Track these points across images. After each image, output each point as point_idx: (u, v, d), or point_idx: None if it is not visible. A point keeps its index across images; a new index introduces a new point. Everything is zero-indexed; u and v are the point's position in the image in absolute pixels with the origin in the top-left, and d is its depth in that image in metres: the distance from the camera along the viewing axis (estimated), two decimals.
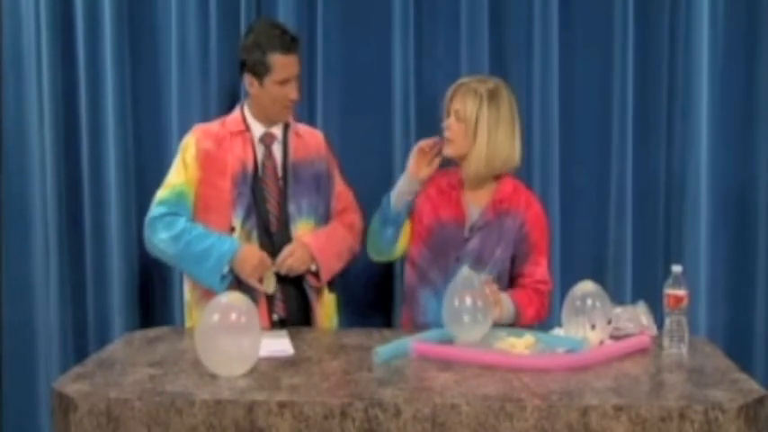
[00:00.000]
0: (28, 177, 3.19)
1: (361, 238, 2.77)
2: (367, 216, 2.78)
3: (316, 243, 2.64)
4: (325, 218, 2.74)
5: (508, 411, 1.84)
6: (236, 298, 2.10)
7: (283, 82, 2.59)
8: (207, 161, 2.62)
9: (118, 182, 3.12)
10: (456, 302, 2.25)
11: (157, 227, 2.58)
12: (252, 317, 2.05)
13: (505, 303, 2.47)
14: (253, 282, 2.54)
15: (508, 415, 1.84)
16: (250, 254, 2.54)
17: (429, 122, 3.03)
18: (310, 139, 2.76)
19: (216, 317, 2.03)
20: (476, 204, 2.60)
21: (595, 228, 3.12)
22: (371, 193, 2.89)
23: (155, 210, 2.61)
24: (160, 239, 2.57)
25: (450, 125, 2.55)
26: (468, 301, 2.24)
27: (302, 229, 2.65)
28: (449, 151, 2.56)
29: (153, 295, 3.19)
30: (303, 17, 3.07)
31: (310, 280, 2.66)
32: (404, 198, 2.56)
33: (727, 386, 1.98)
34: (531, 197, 2.64)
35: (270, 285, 2.58)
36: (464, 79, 2.61)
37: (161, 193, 2.62)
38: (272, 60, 2.57)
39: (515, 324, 2.47)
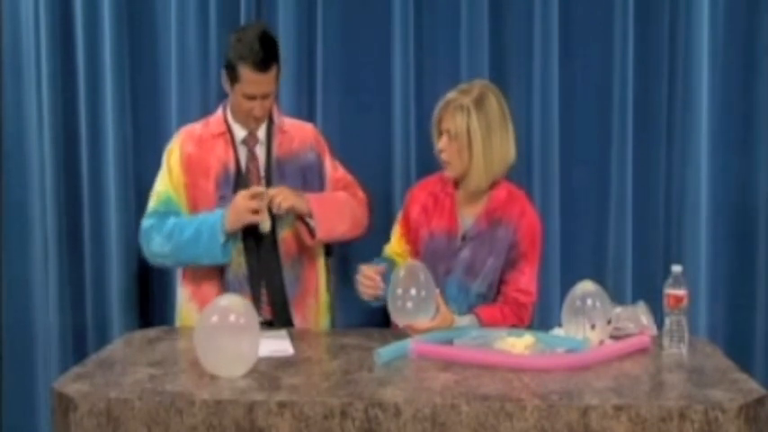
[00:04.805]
0: (27, 178, 3.19)
1: (368, 212, 2.79)
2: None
3: (312, 196, 2.63)
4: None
5: (508, 411, 1.84)
6: (234, 300, 2.10)
7: (250, 97, 2.56)
8: (191, 164, 2.63)
9: (117, 183, 3.12)
10: (399, 291, 2.29)
11: (151, 234, 2.62)
12: (250, 318, 2.05)
13: (461, 320, 2.44)
14: (251, 219, 2.51)
15: (508, 415, 1.84)
16: (234, 203, 2.53)
17: (429, 122, 3.03)
18: (297, 133, 2.73)
19: (215, 318, 2.03)
20: (470, 213, 2.57)
21: (595, 228, 3.12)
22: (370, 192, 2.89)
23: (146, 222, 2.64)
24: (155, 243, 2.61)
25: (444, 147, 2.51)
26: (413, 290, 2.28)
27: (288, 229, 2.64)
28: (449, 174, 2.54)
29: (152, 296, 3.19)
30: (303, 17, 3.07)
31: (305, 238, 2.64)
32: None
33: (727, 386, 1.98)
34: (527, 205, 2.60)
35: (266, 225, 2.55)
36: (448, 96, 2.53)
37: (150, 204, 2.66)
38: (242, 72, 2.53)
39: None
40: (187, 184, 2.63)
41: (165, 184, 2.64)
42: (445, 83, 2.97)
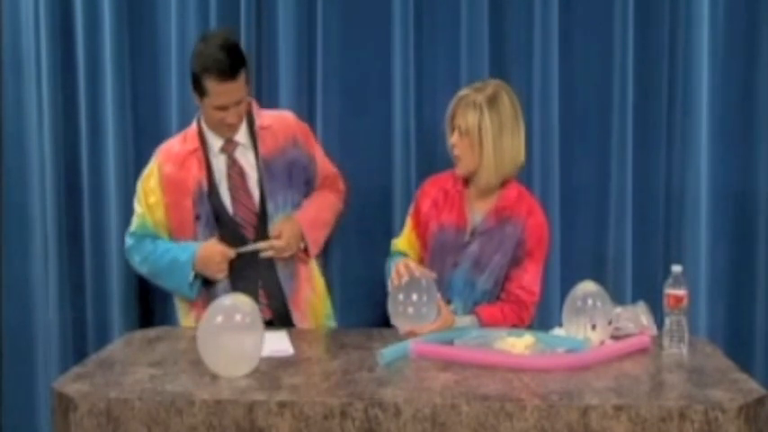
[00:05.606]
0: (27, 178, 3.19)
1: (346, 198, 2.84)
2: (363, 219, 2.80)
3: (305, 219, 2.65)
4: (299, 206, 2.70)
5: (508, 411, 1.84)
6: (239, 299, 2.10)
7: (221, 108, 2.51)
8: (170, 185, 2.63)
9: (117, 182, 3.13)
10: (401, 296, 2.33)
11: (131, 253, 2.72)
12: (255, 318, 2.05)
13: (461, 320, 2.45)
14: (222, 276, 2.58)
15: (508, 415, 1.84)
16: (208, 255, 2.55)
17: (429, 123, 3.04)
18: (279, 127, 2.69)
19: (219, 318, 2.03)
20: (480, 209, 2.59)
21: (595, 228, 3.12)
22: (371, 193, 2.90)
23: (127, 240, 2.72)
24: (135, 263, 2.72)
25: (456, 143, 2.52)
26: (414, 296, 2.32)
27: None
28: (460, 171, 2.55)
29: (152, 295, 3.18)
30: (303, 18, 3.07)
31: (300, 255, 2.67)
32: None
33: (727, 386, 1.98)
34: (535, 205, 2.61)
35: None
36: (462, 92, 2.55)
37: (132, 222, 2.71)
38: (208, 86, 2.48)
39: None
40: (169, 203, 2.63)
41: (142, 207, 2.67)
42: (445, 83, 2.98)
